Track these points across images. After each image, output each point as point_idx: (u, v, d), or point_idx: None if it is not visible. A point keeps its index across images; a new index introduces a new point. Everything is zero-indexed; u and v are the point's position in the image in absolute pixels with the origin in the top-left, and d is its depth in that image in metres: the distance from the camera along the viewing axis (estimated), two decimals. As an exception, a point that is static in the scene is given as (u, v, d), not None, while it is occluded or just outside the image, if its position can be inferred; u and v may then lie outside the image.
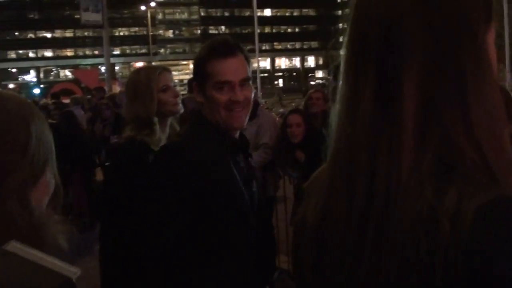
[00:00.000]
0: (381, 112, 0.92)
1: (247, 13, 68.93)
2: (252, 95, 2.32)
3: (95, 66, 54.81)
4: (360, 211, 0.93)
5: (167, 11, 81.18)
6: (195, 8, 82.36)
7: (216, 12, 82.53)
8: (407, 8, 0.91)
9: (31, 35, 75.91)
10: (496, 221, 0.82)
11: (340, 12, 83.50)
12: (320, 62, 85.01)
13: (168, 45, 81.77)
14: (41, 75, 75.70)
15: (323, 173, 1.09)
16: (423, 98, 0.90)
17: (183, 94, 4.80)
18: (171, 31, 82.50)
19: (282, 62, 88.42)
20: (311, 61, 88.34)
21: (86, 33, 72.72)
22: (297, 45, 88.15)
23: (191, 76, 3.48)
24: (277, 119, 7.91)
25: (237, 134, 2.34)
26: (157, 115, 3.18)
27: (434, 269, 0.83)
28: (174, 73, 3.68)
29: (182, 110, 3.34)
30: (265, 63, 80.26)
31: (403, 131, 0.90)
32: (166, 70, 3.37)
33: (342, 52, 1.01)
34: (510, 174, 0.89)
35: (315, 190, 1.10)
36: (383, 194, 0.90)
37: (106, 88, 14.75)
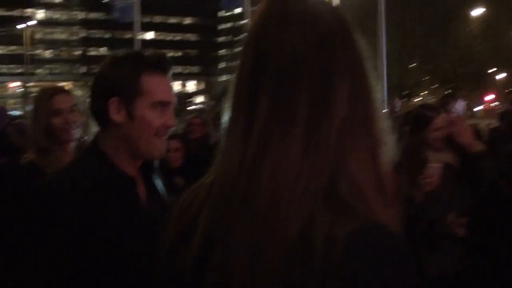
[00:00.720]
0: (272, 136, 0.94)
1: (129, 36, 68.16)
2: None
3: (-32, 84, 52.60)
4: (230, 233, 0.94)
5: (46, 30, 79.06)
6: (75, 28, 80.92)
7: (97, 34, 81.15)
8: (305, 47, 0.96)
9: None
10: (366, 247, 0.85)
11: (220, 39, 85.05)
12: (201, 87, 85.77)
13: (47, 66, 79.09)
14: None
15: (193, 192, 1.09)
16: (309, 126, 0.93)
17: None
18: (50, 51, 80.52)
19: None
20: (192, 86, 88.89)
21: (-41, 50, 69.73)
22: (178, 69, 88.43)
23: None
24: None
25: (135, 169, 1.96)
26: (51, 139, 2.96)
27: None
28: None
29: (75, 138, 3.03)
30: (146, 86, 79.12)
31: (288, 154, 0.92)
32: (63, 92, 3.11)
33: (232, 77, 1.04)
34: (382, 203, 0.93)
35: (180, 214, 1.09)
36: (254, 216, 0.91)
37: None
